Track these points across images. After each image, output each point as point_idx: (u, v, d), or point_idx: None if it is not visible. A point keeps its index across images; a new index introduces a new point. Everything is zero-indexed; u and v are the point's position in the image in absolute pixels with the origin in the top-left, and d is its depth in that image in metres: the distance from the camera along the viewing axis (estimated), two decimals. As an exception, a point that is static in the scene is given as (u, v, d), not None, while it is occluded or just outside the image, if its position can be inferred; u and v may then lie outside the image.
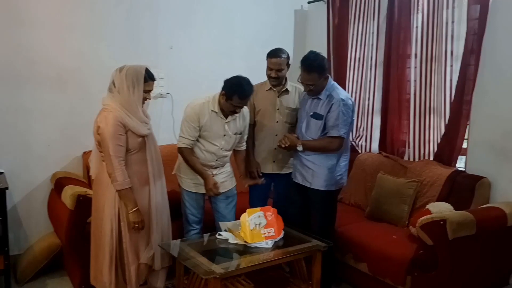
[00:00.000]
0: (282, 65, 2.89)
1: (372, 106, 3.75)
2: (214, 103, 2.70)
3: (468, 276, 2.63)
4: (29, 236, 3.27)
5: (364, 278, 2.85)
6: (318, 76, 2.67)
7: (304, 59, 2.71)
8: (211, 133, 2.71)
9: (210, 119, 2.69)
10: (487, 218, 2.64)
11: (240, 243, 2.50)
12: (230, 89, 2.60)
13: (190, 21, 3.77)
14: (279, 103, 3.00)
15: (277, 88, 2.99)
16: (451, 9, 3.09)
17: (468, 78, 3.01)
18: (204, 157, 2.75)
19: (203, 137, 2.73)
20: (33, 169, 3.25)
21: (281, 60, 2.88)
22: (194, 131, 2.68)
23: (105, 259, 2.37)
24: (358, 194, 3.56)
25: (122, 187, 2.30)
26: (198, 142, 2.74)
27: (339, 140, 2.70)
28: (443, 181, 3.00)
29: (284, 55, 2.91)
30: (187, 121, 2.69)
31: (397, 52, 3.47)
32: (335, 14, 4.00)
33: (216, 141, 2.73)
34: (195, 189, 2.79)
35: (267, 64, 2.92)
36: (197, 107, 2.68)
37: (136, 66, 2.33)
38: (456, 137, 3.09)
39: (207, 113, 2.68)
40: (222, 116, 2.71)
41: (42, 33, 3.17)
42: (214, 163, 2.79)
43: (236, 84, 2.60)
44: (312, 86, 2.70)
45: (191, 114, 2.68)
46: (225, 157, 2.83)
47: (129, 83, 2.29)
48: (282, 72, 2.91)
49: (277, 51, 2.91)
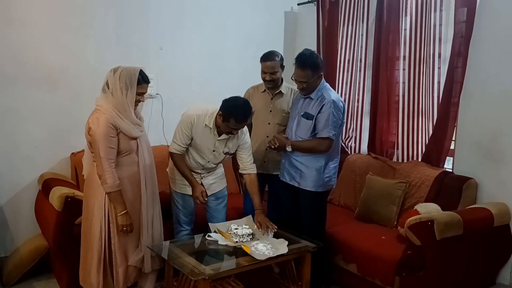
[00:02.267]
0: (276, 68, 2.90)
1: (362, 107, 3.78)
2: (210, 119, 2.65)
3: (456, 276, 2.66)
4: (15, 238, 3.23)
5: (353, 279, 2.86)
6: (311, 74, 2.67)
7: (299, 56, 2.70)
8: (201, 145, 2.70)
9: (203, 133, 2.67)
10: (474, 219, 2.68)
11: (230, 244, 2.49)
12: (227, 111, 2.53)
13: (180, 22, 3.76)
14: (272, 105, 3.01)
15: (271, 90, 3.00)
16: (439, 12, 3.13)
17: (456, 81, 3.05)
18: (190, 164, 2.76)
19: (193, 147, 2.72)
20: (20, 170, 3.21)
21: (275, 63, 2.90)
22: (186, 139, 2.67)
23: (93, 261, 2.35)
24: (347, 195, 3.57)
25: (111, 189, 2.28)
26: (188, 149, 2.74)
27: (328, 141, 2.71)
28: (431, 182, 3.03)
29: (278, 58, 2.92)
30: (181, 128, 2.67)
31: (386, 54, 3.50)
32: (325, 16, 4.03)
33: (205, 155, 2.73)
34: (187, 191, 2.79)
35: (261, 67, 2.94)
36: (193, 117, 2.66)
37: (131, 68, 2.32)
38: (444, 138, 3.13)
39: (201, 126, 2.66)
40: (215, 133, 2.68)
41: (31, 33, 3.14)
42: (201, 171, 2.79)
43: (234, 106, 2.53)
44: (305, 84, 2.70)
45: (186, 122, 2.66)
46: (211, 168, 2.82)
47: (122, 85, 2.27)
48: (277, 75, 2.93)
49: (270, 54, 2.92)
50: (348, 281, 2.94)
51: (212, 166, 2.79)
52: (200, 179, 2.80)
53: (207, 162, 2.75)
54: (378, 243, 2.79)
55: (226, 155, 2.77)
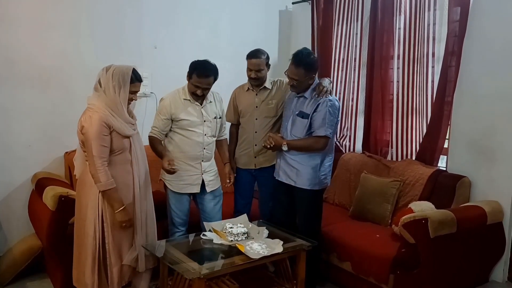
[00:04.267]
0: (261, 66, 2.91)
1: (356, 106, 3.79)
2: (185, 92, 2.77)
3: (450, 273, 2.67)
4: (8, 238, 3.20)
5: (348, 277, 2.87)
6: (304, 73, 2.67)
7: (296, 53, 2.71)
8: (191, 121, 2.74)
9: (185, 108, 2.74)
10: (467, 217, 2.70)
11: (224, 243, 2.49)
12: (190, 68, 2.70)
13: (174, 21, 3.75)
14: (258, 101, 3.01)
15: (256, 88, 3.01)
16: (433, 11, 3.15)
17: (449, 79, 3.06)
18: (191, 149, 2.77)
19: (184, 127, 2.75)
20: (13, 169, 3.18)
21: (260, 61, 2.90)
22: (162, 124, 2.76)
23: (87, 260, 2.33)
24: (342, 194, 3.58)
25: (105, 187, 2.27)
26: (181, 135, 2.77)
27: (324, 139, 2.71)
28: (425, 180, 3.05)
29: (264, 56, 2.92)
30: (158, 114, 2.79)
31: (380, 53, 3.52)
32: (319, 15, 4.03)
33: (199, 128, 2.77)
34: (182, 190, 2.80)
35: (247, 65, 2.94)
36: (167, 100, 2.77)
37: (123, 66, 2.31)
38: (438, 137, 3.15)
39: (181, 103, 2.75)
40: (196, 103, 2.76)
41: (22, 32, 3.11)
42: (202, 152, 2.80)
43: (196, 62, 2.70)
44: (295, 82, 2.70)
45: (161, 107, 2.78)
46: (210, 145, 2.86)
47: (115, 83, 2.26)
48: (262, 73, 2.93)
49: (256, 52, 2.93)
50: (343, 279, 2.95)
51: (210, 140, 2.83)
52: (201, 174, 2.81)
53: (205, 136, 2.79)
54: (372, 242, 2.80)
55: (216, 119, 2.86)
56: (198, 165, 2.81)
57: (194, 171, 2.80)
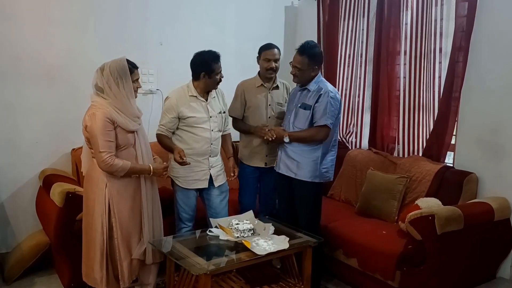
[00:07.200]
0: (278, 55, 2.97)
1: (362, 102, 3.77)
2: (190, 89, 2.77)
3: (456, 270, 2.66)
4: (16, 234, 3.23)
5: (354, 274, 2.87)
6: (307, 62, 2.70)
7: (302, 43, 2.76)
8: (197, 117, 2.75)
9: (191, 105, 2.75)
10: (474, 213, 2.68)
11: (231, 240, 2.50)
12: (203, 64, 2.70)
13: (180, 17, 3.75)
14: (270, 99, 3.01)
15: (267, 84, 3.00)
16: (440, 6, 3.12)
17: (457, 75, 3.04)
18: (200, 145, 2.78)
19: (191, 124, 2.75)
20: (20, 166, 3.21)
21: (277, 51, 2.97)
22: (170, 123, 2.75)
23: (96, 256, 2.36)
24: (348, 190, 3.58)
25: (125, 170, 2.31)
26: (189, 132, 2.77)
27: (325, 129, 2.72)
28: (432, 176, 3.03)
29: (278, 47, 2.99)
30: (165, 112, 2.78)
31: (387, 49, 3.49)
32: (325, 11, 4.01)
33: (206, 125, 2.78)
34: (191, 186, 2.81)
35: (264, 57, 2.96)
36: (173, 98, 2.76)
37: (116, 60, 2.33)
38: (445, 133, 3.13)
39: (187, 100, 2.75)
40: (202, 99, 2.77)
41: (28, 29, 3.12)
42: (210, 147, 2.81)
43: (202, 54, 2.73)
44: (298, 71, 2.73)
45: (168, 106, 2.76)
46: (217, 140, 2.87)
47: (117, 78, 2.28)
48: (278, 63, 2.98)
49: (271, 44, 2.99)
50: (349, 276, 2.95)
51: (217, 135, 2.85)
52: (209, 169, 2.82)
53: (212, 132, 2.80)
54: (379, 238, 2.80)
55: (221, 114, 2.86)
56: (206, 160, 2.81)
57: (202, 167, 2.81)
